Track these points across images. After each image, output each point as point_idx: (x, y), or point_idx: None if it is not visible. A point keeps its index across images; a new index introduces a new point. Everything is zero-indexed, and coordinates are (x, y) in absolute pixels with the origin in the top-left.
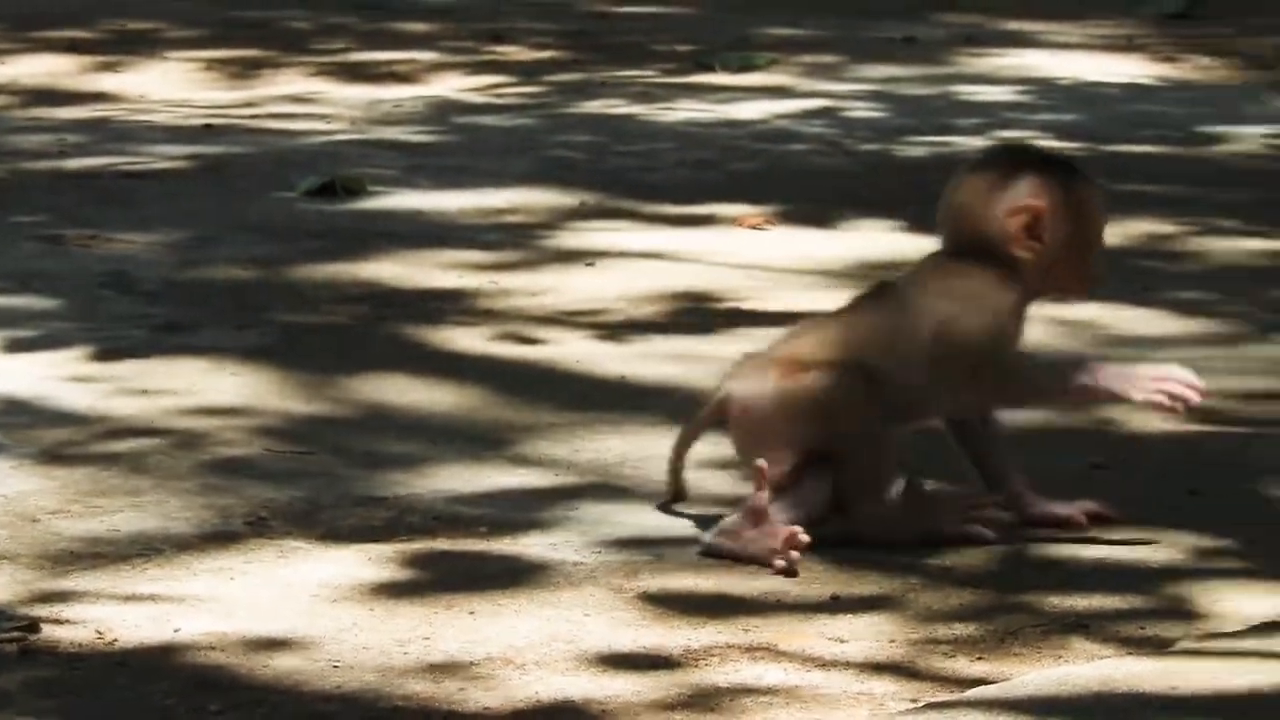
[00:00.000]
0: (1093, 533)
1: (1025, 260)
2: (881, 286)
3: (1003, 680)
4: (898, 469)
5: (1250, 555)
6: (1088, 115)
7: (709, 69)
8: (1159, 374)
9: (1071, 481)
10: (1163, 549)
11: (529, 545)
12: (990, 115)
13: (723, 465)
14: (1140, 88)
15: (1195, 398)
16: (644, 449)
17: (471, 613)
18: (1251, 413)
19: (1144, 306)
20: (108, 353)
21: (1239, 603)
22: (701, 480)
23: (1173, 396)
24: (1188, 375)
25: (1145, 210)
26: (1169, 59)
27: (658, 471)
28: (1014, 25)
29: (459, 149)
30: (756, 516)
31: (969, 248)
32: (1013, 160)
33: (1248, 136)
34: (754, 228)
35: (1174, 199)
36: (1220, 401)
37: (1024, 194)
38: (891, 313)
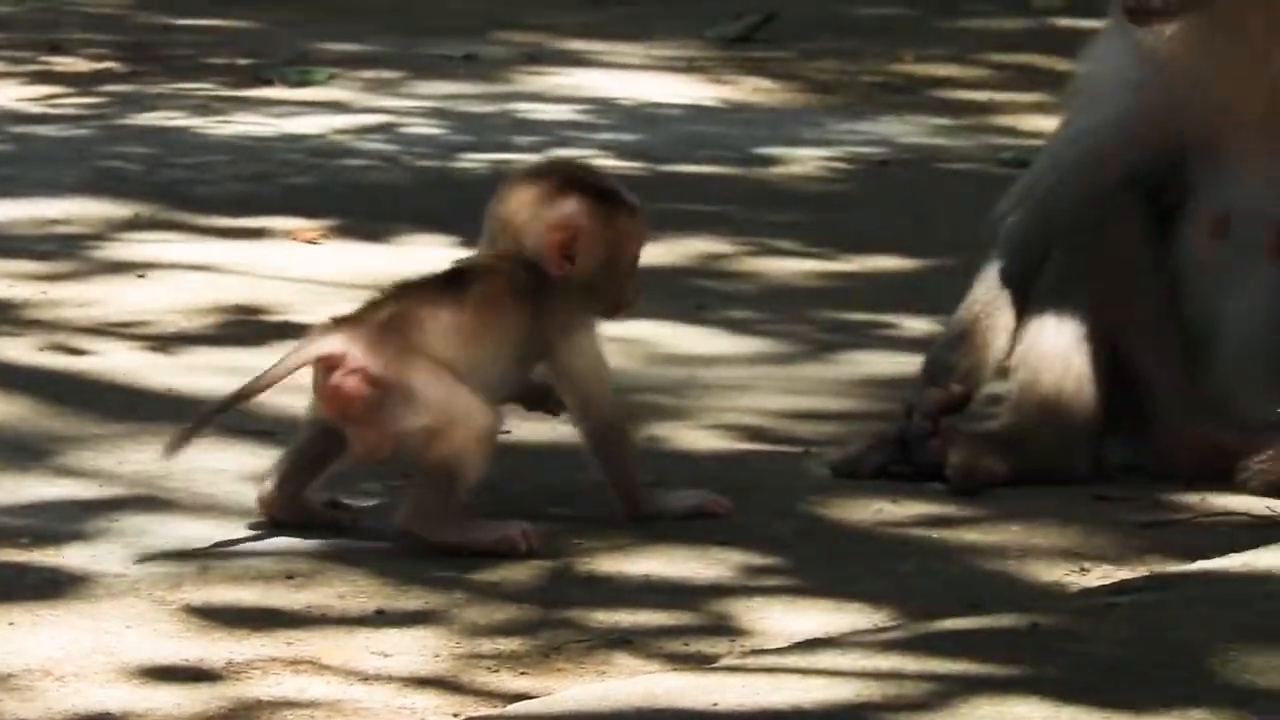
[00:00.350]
0: (628, 547)
1: (557, 277)
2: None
3: (545, 695)
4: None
5: (796, 573)
6: (647, 135)
7: (268, 83)
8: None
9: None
10: (710, 565)
11: (71, 557)
12: (549, 134)
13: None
14: (700, 109)
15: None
16: (189, 461)
17: (11, 624)
18: (802, 431)
19: (698, 325)
20: None
21: (784, 620)
22: (243, 492)
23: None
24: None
25: (701, 230)
26: (729, 82)
27: (204, 484)
28: (576, 45)
29: (12, 158)
30: None
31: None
32: (562, 177)
33: (804, 158)
34: (308, 241)
35: (730, 219)
36: (772, 420)
37: (565, 212)
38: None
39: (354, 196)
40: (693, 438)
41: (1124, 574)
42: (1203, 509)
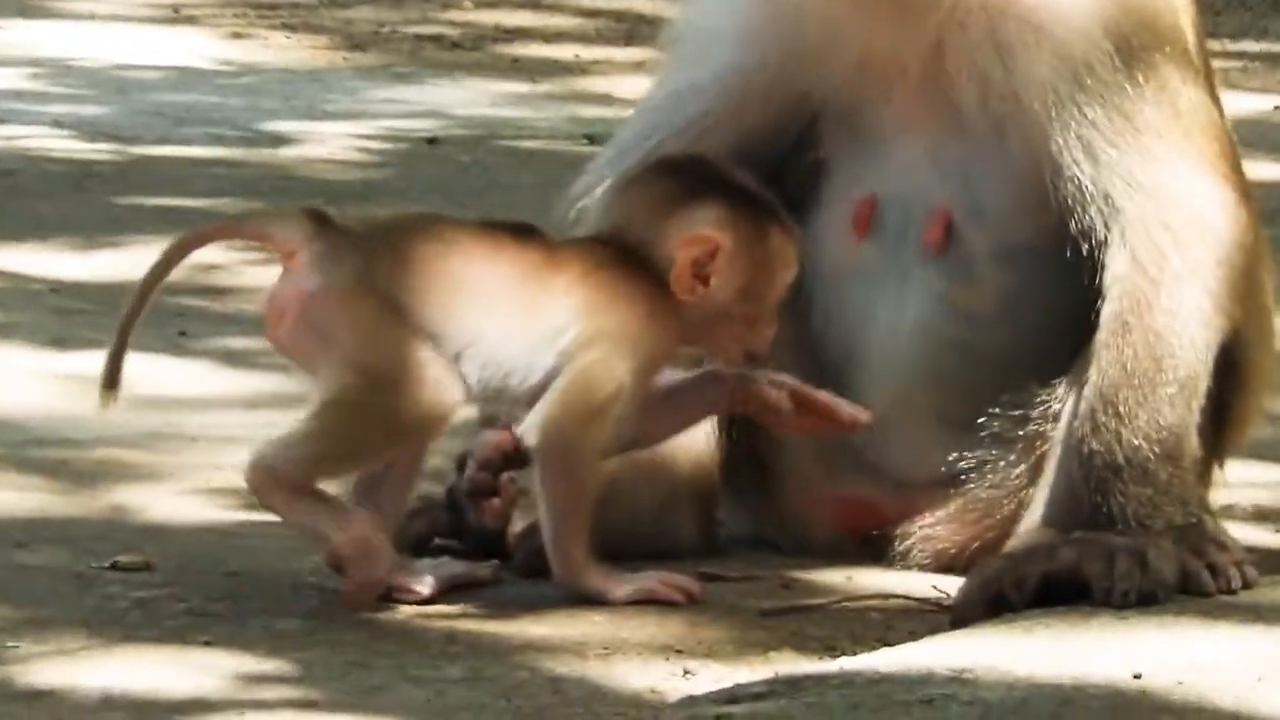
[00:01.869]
0: None
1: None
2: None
3: None
4: None
5: (305, 682)
6: (115, 107)
7: None
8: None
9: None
10: (189, 673)
11: None
12: None
13: None
14: (188, 72)
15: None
16: None
17: None
18: None
19: (179, 357)
20: None
21: None
22: None
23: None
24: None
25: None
26: (233, 35)
27: None
28: None
29: None
30: None
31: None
32: (699, 175)
33: (327, 136)
34: None
35: (225, 218)
36: None
37: (705, 222)
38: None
39: None
40: (171, 506)
41: (740, 676)
42: (846, 590)
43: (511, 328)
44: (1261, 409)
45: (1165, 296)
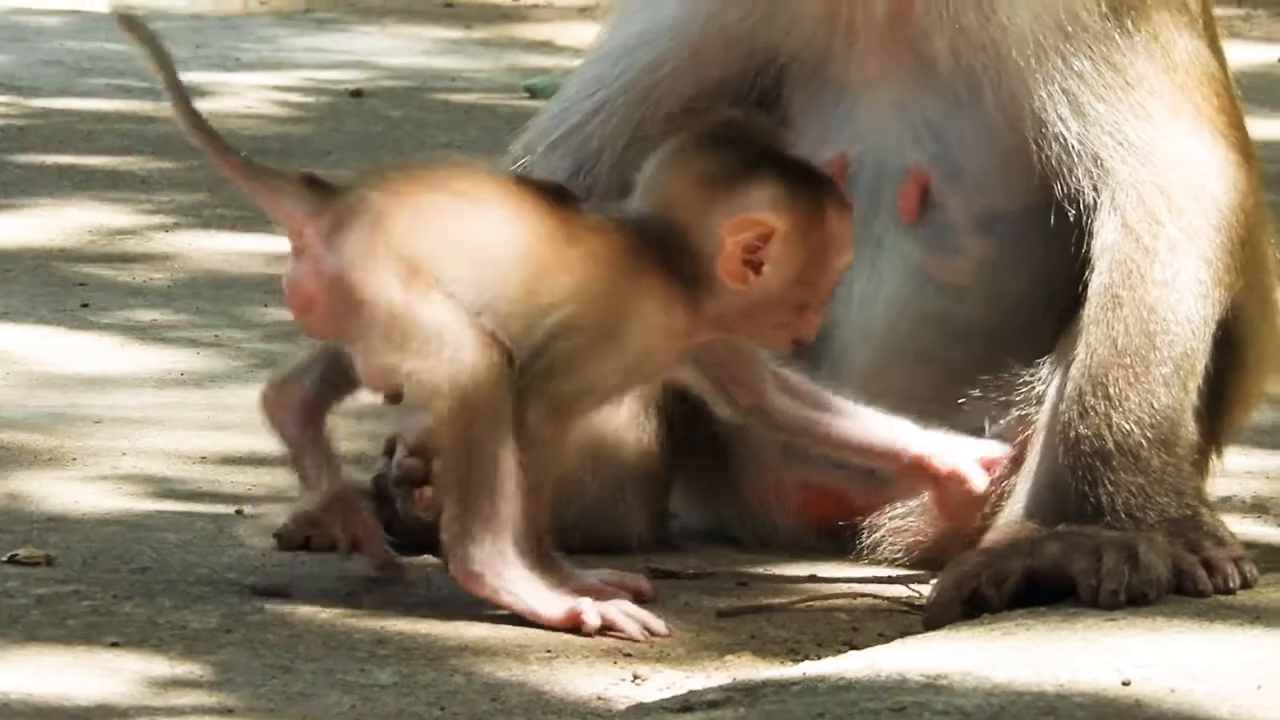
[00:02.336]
0: None
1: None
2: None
3: None
4: None
5: (222, 688)
6: (12, 56)
7: None
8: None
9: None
10: (98, 677)
11: None
12: None
13: None
14: (89, 18)
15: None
16: None
17: None
18: (232, 483)
19: (82, 331)
20: None
21: None
22: None
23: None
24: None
25: (90, 194)
26: None
27: None
28: None
29: None
30: None
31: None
32: (752, 150)
33: (242, 88)
34: None
35: (131, 177)
36: (188, 468)
37: (758, 205)
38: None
39: None
40: (73, 494)
41: (695, 682)
42: (810, 589)
43: (515, 300)
44: (1262, 391)
45: (1159, 267)
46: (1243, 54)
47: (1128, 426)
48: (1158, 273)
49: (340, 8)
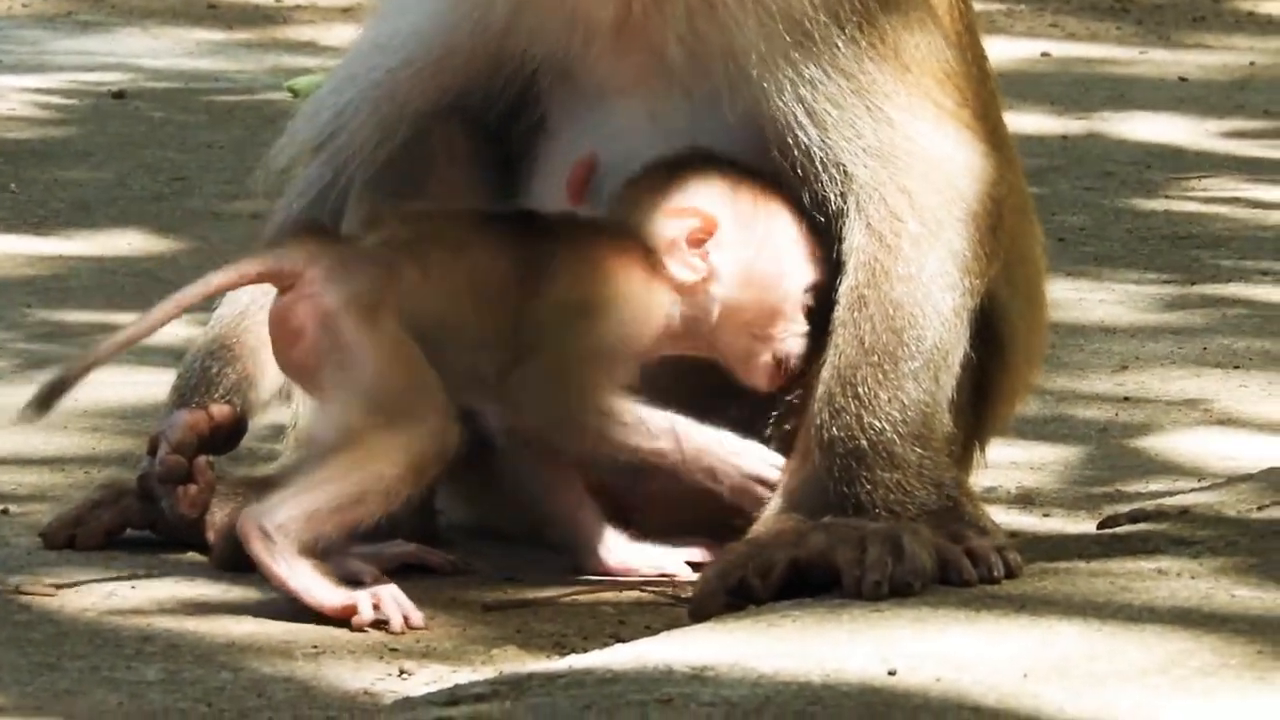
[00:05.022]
0: None
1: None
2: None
3: None
4: None
5: None
6: None
7: None
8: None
9: None
10: None
11: None
12: None
13: None
14: None
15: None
16: None
17: None
18: None
19: None
20: None
21: None
22: None
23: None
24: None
25: None
26: None
27: None
28: None
29: None
30: None
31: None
32: (701, 161)
33: (3, 90)
34: None
35: None
36: None
37: (698, 196)
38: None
39: None
40: None
41: (461, 677)
42: (576, 583)
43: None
44: (1028, 384)
45: (903, 263)
46: (1007, 49)
47: (879, 424)
48: (901, 268)
49: (103, 10)
